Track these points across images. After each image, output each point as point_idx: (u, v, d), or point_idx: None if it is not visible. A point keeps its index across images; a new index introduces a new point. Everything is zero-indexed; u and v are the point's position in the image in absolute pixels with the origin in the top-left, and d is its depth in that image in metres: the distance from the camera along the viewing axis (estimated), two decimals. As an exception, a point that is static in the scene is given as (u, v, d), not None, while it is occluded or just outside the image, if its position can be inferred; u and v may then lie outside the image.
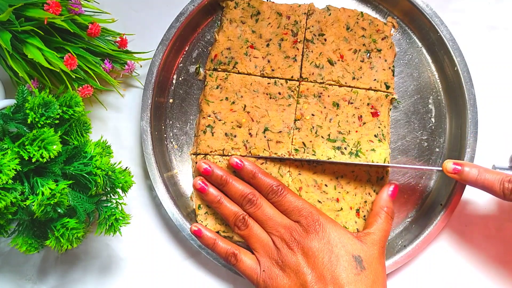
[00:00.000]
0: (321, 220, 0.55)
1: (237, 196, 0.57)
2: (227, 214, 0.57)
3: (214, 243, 0.57)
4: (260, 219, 0.56)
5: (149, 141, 0.60)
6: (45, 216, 0.47)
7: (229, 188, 0.58)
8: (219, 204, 0.58)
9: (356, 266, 0.52)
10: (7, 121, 0.50)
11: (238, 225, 0.57)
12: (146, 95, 0.60)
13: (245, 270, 0.56)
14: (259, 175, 0.58)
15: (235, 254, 0.56)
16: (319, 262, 0.52)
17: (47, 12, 0.52)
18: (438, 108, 0.64)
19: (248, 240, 0.57)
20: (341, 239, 0.54)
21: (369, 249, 0.54)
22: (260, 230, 0.56)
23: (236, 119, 0.61)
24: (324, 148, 0.61)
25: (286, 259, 0.54)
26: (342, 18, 0.62)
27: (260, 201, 0.57)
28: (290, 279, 0.53)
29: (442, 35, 0.62)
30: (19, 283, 0.61)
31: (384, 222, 0.57)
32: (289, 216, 0.56)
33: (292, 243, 0.54)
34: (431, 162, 0.63)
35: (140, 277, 0.62)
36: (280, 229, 0.55)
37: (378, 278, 0.53)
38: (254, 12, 0.62)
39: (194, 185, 0.59)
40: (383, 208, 0.58)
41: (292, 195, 0.57)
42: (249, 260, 0.56)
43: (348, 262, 0.52)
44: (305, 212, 0.55)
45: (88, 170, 0.49)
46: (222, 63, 0.62)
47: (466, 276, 0.62)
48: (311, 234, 0.54)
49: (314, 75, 0.62)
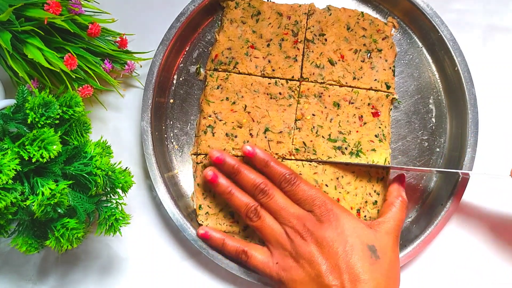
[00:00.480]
0: (334, 210, 0.54)
1: (249, 186, 0.56)
2: (238, 205, 0.56)
3: (223, 243, 0.57)
4: (272, 209, 0.55)
5: (150, 141, 0.60)
6: (45, 216, 0.46)
7: (241, 177, 0.57)
8: (230, 195, 0.57)
9: (371, 255, 0.52)
10: (7, 121, 0.49)
11: (250, 217, 0.56)
12: (147, 95, 0.60)
13: (257, 265, 0.56)
14: (271, 164, 0.57)
15: (245, 251, 0.56)
16: (333, 252, 0.52)
17: (47, 12, 0.52)
18: (439, 108, 0.64)
19: (260, 231, 0.56)
20: (355, 228, 0.53)
21: (383, 238, 0.54)
22: (273, 221, 0.55)
23: (236, 119, 0.61)
24: (325, 148, 0.61)
25: (299, 250, 0.53)
26: (343, 18, 0.62)
27: (273, 191, 0.56)
28: (304, 270, 0.53)
29: (443, 35, 0.62)
30: (19, 283, 0.61)
31: (398, 210, 0.57)
32: (302, 206, 0.55)
33: (305, 234, 0.53)
34: (432, 162, 0.63)
35: (140, 277, 0.61)
36: (292, 220, 0.54)
37: (392, 267, 0.53)
38: (254, 12, 0.62)
39: (205, 175, 0.58)
40: (398, 198, 0.58)
41: (305, 184, 0.56)
42: (260, 255, 0.56)
43: (363, 252, 0.52)
44: (319, 202, 0.54)
45: (88, 170, 0.49)
46: (223, 63, 0.61)
47: (467, 276, 0.62)
48: (324, 224, 0.53)
49: (314, 75, 0.61)
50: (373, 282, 0.50)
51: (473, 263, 0.63)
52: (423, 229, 0.60)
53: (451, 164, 0.62)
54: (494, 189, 0.63)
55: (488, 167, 0.64)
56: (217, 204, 0.60)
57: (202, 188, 0.61)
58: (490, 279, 0.62)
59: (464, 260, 0.63)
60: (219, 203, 0.60)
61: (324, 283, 0.51)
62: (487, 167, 0.63)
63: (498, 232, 0.63)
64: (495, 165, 0.64)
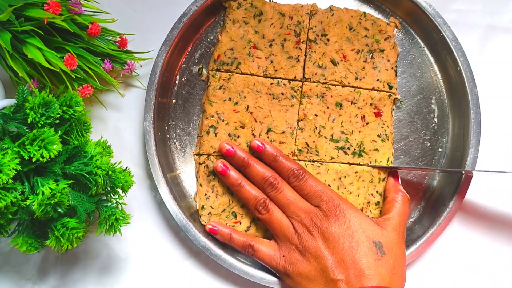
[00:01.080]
0: (341, 206, 0.54)
1: (258, 179, 0.57)
2: (247, 198, 0.57)
3: (230, 237, 0.58)
4: (280, 203, 0.56)
5: (152, 141, 0.59)
6: (45, 216, 0.46)
7: (250, 170, 0.57)
8: (240, 188, 0.57)
9: (377, 251, 0.52)
10: (7, 121, 0.49)
11: (258, 209, 0.57)
12: (149, 95, 0.60)
13: (264, 259, 0.57)
14: (280, 158, 0.57)
15: (251, 245, 0.57)
16: (339, 247, 0.52)
17: (47, 12, 0.52)
18: (441, 108, 0.63)
19: (268, 224, 0.57)
20: (362, 224, 0.54)
21: (389, 235, 0.54)
22: (281, 215, 0.56)
23: (239, 120, 0.61)
24: (328, 149, 0.60)
25: (306, 244, 0.54)
26: (345, 18, 0.62)
27: (281, 184, 0.56)
28: (310, 264, 0.53)
29: (445, 35, 0.62)
30: (19, 283, 0.61)
31: (402, 205, 0.57)
32: (309, 201, 0.56)
33: (312, 228, 0.54)
34: (434, 162, 0.63)
35: (140, 277, 0.61)
36: (300, 214, 0.55)
37: (398, 263, 0.53)
38: (257, 13, 0.62)
39: (215, 167, 0.58)
40: (398, 193, 0.58)
41: (313, 180, 0.56)
42: (266, 248, 0.57)
43: (369, 248, 0.52)
44: (326, 197, 0.55)
45: (88, 170, 0.49)
46: (225, 63, 0.61)
47: (469, 277, 0.62)
48: (331, 219, 0.54)
49: (317, 76, 0.61)
50: (377, 278, 0.51)
51: (476, 263, 0.62)
52: (426, 229, 0.60)
53: (454, 164, 0.61)
54: (497, 189, 0.63)
55: (491, 167, 0.63)
56: (220, 204, 0.60)
57: (204, 188, 0.60)
58: (493, 279, 0.62)
59: (467, 260, 0.62)
60: (221, 203, 0.60)
61: (330, 278, 0.52)
62: (489, 167, 0.63)
63: (501, 232, 0.63)
64: (498, 165, 0.64)
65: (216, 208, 0.60)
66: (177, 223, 0.58)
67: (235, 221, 0.60)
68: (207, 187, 0.60)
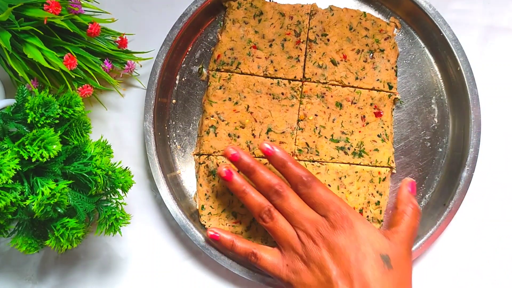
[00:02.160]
0: (349, 217, 0.53)
1: (263, 186, 0.55)
2: (252, 205, 0.55)
3: (233, 245, 0.56)
4: (286, 211, 0.54)
5: (152, 141, 0.59)
6: (45, 216, 0.46)
7: (256, 177, 0.55)
8: (244, 194, 0.55)
9: (384, 265, 0.51)
10: (7, 121, 0.49)
11: (263, 217, 0.55)
12: (149, 95, 0.60)
13: (267, 267, 0.55)
14: (289, 164, 0.55)
15: (254, 253, 0.55)
16: (345, 259, 0.51)
17: (47, 12, 0.52)
18: (441, 108, 0.63)
19: (272, 233, 0.55)
20: (369, 237, 0.52)
21: (397, 248, 0.53)
22: (285, 223, 0.54)
23: (239, 120, 0.61)
24: (328, 149, 0.60)
25: (311, 254, 0.52)
26: (345, 18, 0.62)
27: (287, 193, 0.54)
28: (314, 274, 0.52)
29: (445, 35, 0.62)
30: (19, 283, 0.61)
31: (411, 218, 0.56)
32: (316, 210, 0.54)
33: (317, 238, 0.53)
34: (434, 162, 0.63)
35: (140, 277, 0.61)
36: (306, 223, 0.53)
37: (404, 278, 0.52)
38: (257, 12, 0.62)
39: (219, 172, 0.56)
40: (408, 205, 0.57)
41: (322, 188, 0.55)
42: (270, 256, 0.55)
43: (375, 261, 0.51)
44: (334, 207, 0.53)
45: (88, 170, 0.48)
46: (225, 63, 0.61)
47: (469, 277, 0.62)
48: (337, 230, 0.52)
49: (317, 75, 0.61)
50: None
51: (476, 263, 0.62)
52: (426, 230, 0.60)
53: (454, 164, 0.61)
54: (497, 189, 0.63)
55: (491, 167, 0.63)
56: (220, 204, 0.60)
57: (204, 188, 0.60)
58: (493, 279, 0.62)
59: (467, 260, 0.62)
60: (221, 203, 0.60)
61: None
62: (489, 167, 0.63)
63: (501, 232, 0.63)
64: (498, 165, 0.64)
65: (216, 208, 0.60)
66: (177, 223, 0.58)
67: (235, 221, 0.60)
68: (207, 187, 0.60)
